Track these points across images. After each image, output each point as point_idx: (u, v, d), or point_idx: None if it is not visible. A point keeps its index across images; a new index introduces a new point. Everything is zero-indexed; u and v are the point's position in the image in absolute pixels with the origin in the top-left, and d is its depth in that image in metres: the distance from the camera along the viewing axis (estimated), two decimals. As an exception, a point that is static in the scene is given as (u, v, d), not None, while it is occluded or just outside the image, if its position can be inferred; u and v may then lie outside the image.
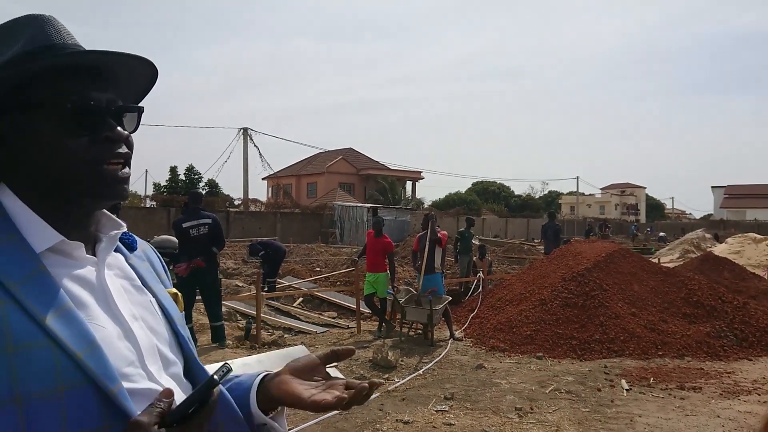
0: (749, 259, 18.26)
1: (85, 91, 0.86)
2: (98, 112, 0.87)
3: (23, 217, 0.84)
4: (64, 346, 0.76)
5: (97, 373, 0.77)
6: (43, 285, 0.79)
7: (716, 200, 77.00)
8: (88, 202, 0.89)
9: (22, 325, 0.75)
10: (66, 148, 0.84)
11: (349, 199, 38.31)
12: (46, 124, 0.84)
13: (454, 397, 5.97)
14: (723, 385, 6.43)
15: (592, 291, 8.92)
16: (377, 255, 9.28)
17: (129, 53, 0.89)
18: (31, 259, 0.81)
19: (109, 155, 0.87)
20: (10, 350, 0.73)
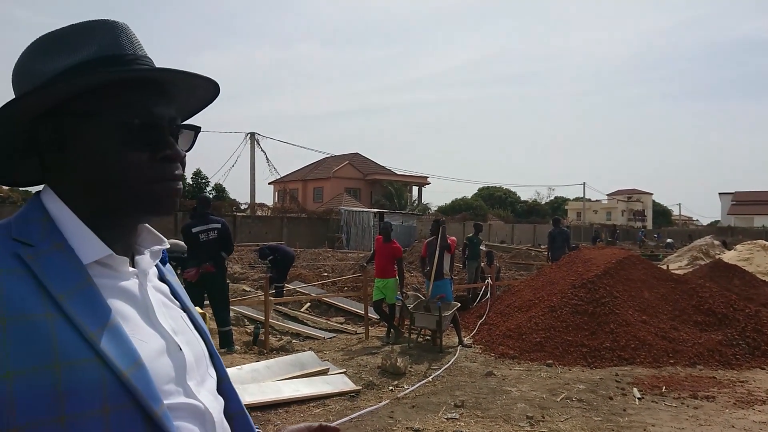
0: (758, 266, 18.13)
1: (151, 106, 0.84)
2: (162, 129, 0.85)
3: (71, 226, 0.82)
4: (111, 363, 0.74)
5: (143, 394, 0.75)
6: (90, 298, 0.77)
7: (724, 207, 76.76)
8: (138, 216, 0.89)
9: (70, 340, 0.73)
10: (126, 161, 0.82)
11: (355, 204, 38.29)
12: (109, 134, 0.82)
13: (464, 404, 5.92)
14: (736, 395, 6.36)
15: (602, 298, 8.86)
16: (386, 260, 9.24)
17: (204, 75, 0.88)
18: (79, 270, 0.79)
19: (167, 174, 0.86)
20: (57, 366, 0.71)
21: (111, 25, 0.86)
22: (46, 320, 0.72)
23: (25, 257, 0.76)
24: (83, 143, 0.82)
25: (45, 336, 0.71)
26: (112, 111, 0.82)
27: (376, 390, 6.51)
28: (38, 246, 0.78)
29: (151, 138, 0.84)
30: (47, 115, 0.82)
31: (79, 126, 0.82)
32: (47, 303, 0.73)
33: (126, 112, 0.82)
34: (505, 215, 57.31)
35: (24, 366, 0.69)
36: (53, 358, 0.70)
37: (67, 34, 0.84)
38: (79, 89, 0.81)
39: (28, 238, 0.78)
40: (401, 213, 32.69)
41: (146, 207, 0.86)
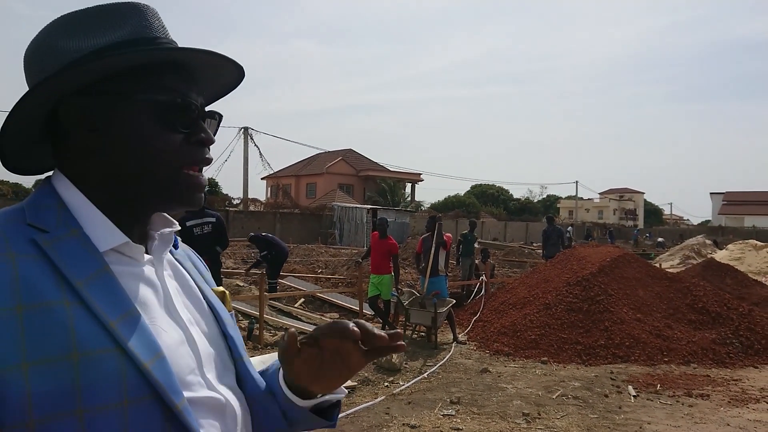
0: (750, 265, 18.25)
1: (185, 89, 0.83)
2: (196, 112, 0.84)
3: (87, 213, 0.79)
4: (131, 354, 0.71)
5: (165, 387, 0.72)
6: (109, 286, 0.74)
7: (714, 206, 77.18)
8: (163, 205, 0.85)
9: (89, 329, 0.69)
10: (162, 142, 0.80)
11: (348, 200, 38.25)
12: (145, 115, 0.80)
13: (460, 401, 5.92)
14: (730, 393, 6.38)
15: (597, 296, 8.87)
16: (382, 257, 9.22)
17: (235, 61, 0.86)
18: (96, 257, 0.75)
19: (199, 158, 0.84)
20: (75, 357, 0.67)
21: (142, 8, 0.83)
22: (64, 308, 0.69)
23: (42, 243, 0.72)
24: (117, 123, 0.79)
25: (62, 325, 0.68)
26: (149, 92, 0.80)
27: (372, 386, 6.49)
28: (54, 232, 0.75)
29: (187, 120, 0.82)
30: (75, 94, 0.79)
31: (111, 106, 0.79)
32: (65, 290, 0.70)
33: (163, 93, 0.81)
34: (498, 213, 57.48)
35: (40, 357, 0.66)
36: (71, 349, 0.67)
37: (96, 13, 0.81)
38: (122, 67, 0.79)
39: (43, 224, 0.75)
40: (394, 210, 32.69)
41: (174, 194, 0.83)
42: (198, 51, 0.81)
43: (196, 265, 0.99)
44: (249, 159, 34.04)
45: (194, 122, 0.83)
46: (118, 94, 0.79)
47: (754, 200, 71.49)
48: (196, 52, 0.82)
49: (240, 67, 0.88)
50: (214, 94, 0.95)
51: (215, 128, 0.91)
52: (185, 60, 0.84)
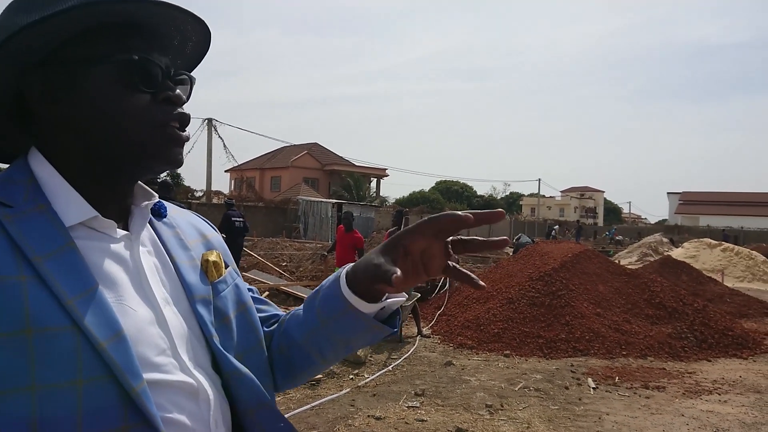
0: (704, 263, 18.86)
1: (147, 49, 0.80)
2: (160, 72, 0.81)
3: (55, 187, 0.77)
4: (87, 333, 0.68)
5: (121, 368, 0.69)
6: (70, 263, 0.72)
7: (671, 206, 79.28)
8: (139, 168, 0.82)
9: (44, 306, 0.67)
10: (128, 105, 0.78)
11: (313, 194, 38.08)
12: (107, 77, 0.77)
13: (424, 393, 5.97)
14: (685, 385, 6.59)
15: (559, 291, 9.05)
16: (347, 250, 9.22)
17: (191, 12, 0.83)
18: (61, 233, 0.73)
19: (171, 116, 0.81)
20: (28, 332, 0.65)
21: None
22: (20, 283, 0.67)
23: (2, 218, 0.71)
24: (79, 91, 0.77)
25: (16, 300, 0.66)
26: (108, 54, 0.77)
27: (337, 378, 6.50)
28: (18, 207, 0.73)
29: (151, 79, 0.80)
30: (34, 67, 0.78)
31: (73, 73, 0.77)
32: (22, 265, 0.68)
33: (126, 54, 0.78)
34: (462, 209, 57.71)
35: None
36: (24, 325, 0.65)
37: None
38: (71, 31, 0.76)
39: (9, 199, 0.74)
40: (359, 204, 32.66)
41: (150, 153, 0.80)
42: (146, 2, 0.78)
43: (184, 232, 0.93)
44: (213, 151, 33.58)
45: (158, 81, 0.80)
46: (75, 60, 0.77)
47: (709, 200, 73.73)
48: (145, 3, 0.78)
49: (199, 20, 0.85)
50: (188, 60, 0.92)
51: (188, 92, 0.88)
52: (140, 18, 0.80)
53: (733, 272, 18.45)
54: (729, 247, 20.52)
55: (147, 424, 0.70)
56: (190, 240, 0.93)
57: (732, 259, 19.43)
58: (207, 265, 0.91)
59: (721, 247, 20.37)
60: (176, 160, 0.82)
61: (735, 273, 18.47)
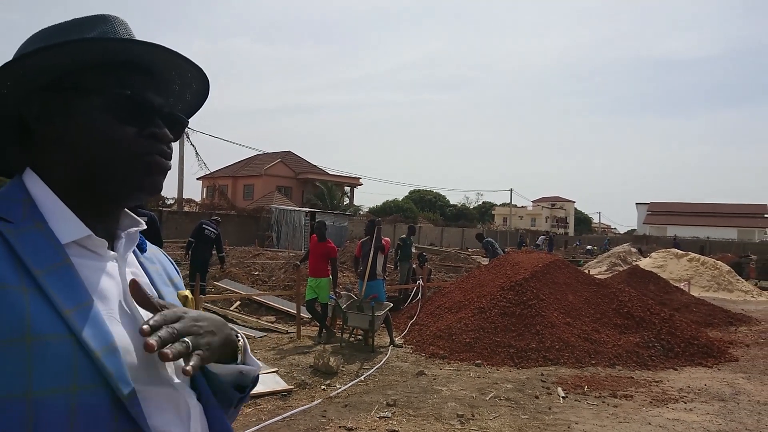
0: (671, 273, 19.23)
1: (141, 87, 0.87)
2: (150, 109, 0.88)
3: (52, 206, 0.83)
4: (83, 342, 0.73)
5: (114, 376, 0.74)
6: (67, 277, 0.77)
7: (640, 216, 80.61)
8: (121, 193, 0.88)
9: (43, 316, 0.72)
10: (114, 134, 0.84)
11: (286, 203, 37.89)
12: (98, 108, 0.85)
13: (396, 403, 5.98)
14: (652, 394, 6.70)
15: (530, 300, 9.14)
16: (320, 260, 9.20)
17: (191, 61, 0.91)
18: (58, 250, 0.79)
19: (152, 150, 0.88)
20: (28, 340, 0.70)
21: (111, 18, 0.90)
22: (21, 293, 0.71)
23: (5, 232, 0.76)
24: (72, 116, 0.84)
25: (18, 308, 0.70)
26: (103, 87, 0.85)
27: (309, 389, 6.47)
28: (19, 224, 0.78)
29: (139, 114, 0.86)
30: (36, 91, 0.85)
31: (70, 101, 0.84)
32: (24, 277, 0.73)
33: (119, 89, 0.85)
34: (435, 218, 58.20)
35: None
36: (24, 331, 0.69)
37: (69, 24, 0.88)
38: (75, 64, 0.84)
39: (9, 215, 0.79)
40: (333, 213, 32.57)
41: (130, 181, 0.86)
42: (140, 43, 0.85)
43: (165, 268, 1.03)
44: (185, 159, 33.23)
45: (146, 117, 0.87)
46: (74, 88, 0.84)
47: (676, 211, 75.21)
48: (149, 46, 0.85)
49: (201, 71, 0.93)
50: (188, 107, 1.02)
51: (178, 132, 0.95)
52: (143, 60, 0.88)
53: (699, 282, 18.83)
54: (695, 257, 20.94)
55: (136, 429, 0.75)
56: (171, 278, 1.03)
57: (698, 269, 19.83)
58: (186, 301, 0.98)
59: (687, 257, 20.78)
60: (151, 188, 0.88)
61: (701, 283, 18.85)
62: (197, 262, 11.17)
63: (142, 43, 0.85)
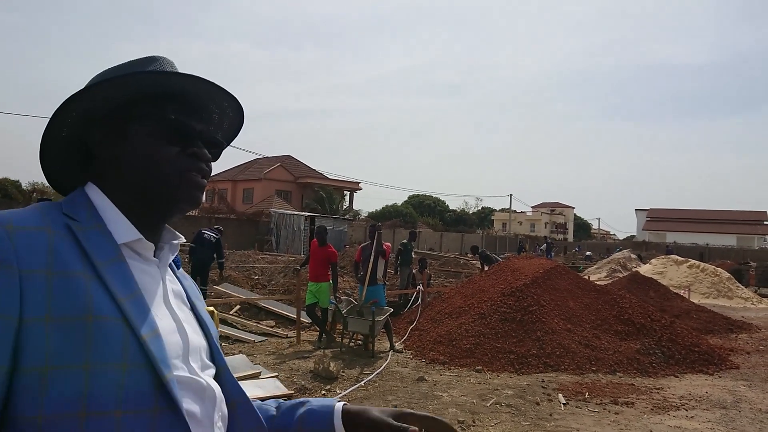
0: (671, 279, 19.22)
1: (185, 115, 1.00)
2: (192, 132, 1.00)
3: (110, 212, 0.95)
4: (134, 326, 0.84)
5: (157, 358, 0.84)
6: (121, 270, 0.89)
7: (639, 222, 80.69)
8: (167, 204, 1.00)
9: (102, 300, 0.83)
10: (160, 154, 0.97)
11: (286, 207, 37.85)
12: (148, 134, 0.97)
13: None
14: (653, 401, 6.68)
15: (530, 306, 9.12)
16: (321, 264, 9.19)
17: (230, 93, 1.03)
18: (114, 248, 0.91)
19: (194, 166, 1.00)
20: (89, 319, 0.81)
21: (160, 58, 1.02)
22: (85, 279, 0.83)
23: (74, 227, 0.88)
24: (128, 140, 0.97)
25: (82, 291, 0.82)
26: (153, 115, 0.98)
27: (309, 394, 6.45)
28: (83, 223, 0.90)
29: (182, 136, 0.99)
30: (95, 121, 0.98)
31: (125, 128, 0.97)
32: (87, 266, 0.85)
33: (164, 116, 0.98)
34: (434, 223, 58.19)
35: (61, 314, 0.79)
36: (87, 311, 0.80)
37: (126, 64, 1.01)
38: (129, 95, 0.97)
39: (75, 215, 0.91)
40: (332, 217, 32.56)
41: (173, 192, 0.98)
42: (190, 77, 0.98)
43: (193, 285, 1.14)
44: (184, 162, 33.17)
45: (188, 139, 0.99)
46: (128, 117, 0.98)
47: (676, 217, 75.29)
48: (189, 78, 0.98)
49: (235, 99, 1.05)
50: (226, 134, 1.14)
51: (217, 154, 1.08)
52: (186, 91, 1.00)
53: (698, 288, 18.82)
54: (695, 263, 20.94)
55: (172, 409, 0.85)
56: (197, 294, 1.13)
57: (698, 275, 19.83)
58: (213, 316, 1.09)
59: (687, 264, 20.78)
60: (193, 200, 1.01)
61: (701, 289, 18.84)
62: (197, 265, 11.20)
63: (186, 76, 0.98)
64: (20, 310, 0.78)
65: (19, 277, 0.79)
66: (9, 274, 0.79)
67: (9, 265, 0.79)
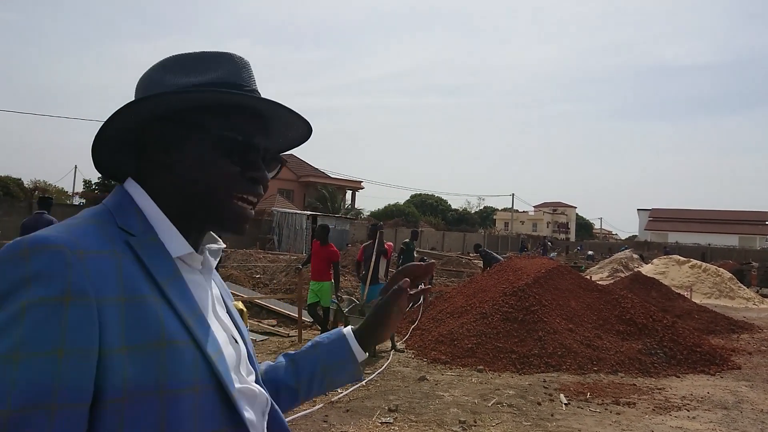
0: (673, 279, 19.19)
1: (252, 131, 0.95)
2: (256, 153, 0.96)
3: (160, 222, 0.91)
4: (202, 348, 0.84)
5: (224, 377, 0.85)
6: (181, 288, 0.87)
7: (641, 222, 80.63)
8: (212, 225, 0.98)
9: (172, 323, 0.82)
10: (221, 170, 0.92)
11: (288, 206, 37.87)
12: (212, 145, 0.92)
13: (398, 409, 5.96)
14: (655, 401, 6.68)
15: (532, 306, 9.11)
16: (323, 263, 9.19)
17: (303, 117, 0.99)
18: (170, 263, 0.88)
19: (250, 190, 0.96)
20: (163, 344, 0.80)
21: (236, 59, 0.98)
22: (154, 302, 0.81)
23: (133, 244, 0.85)
24: (186, 149, 0.92)
25: (155, 316, 0.80)
26: (219, 127, 0.92)
27: (310, 393, 6.45)
28: (139, 236, 0.87)
29: (247, 157, 0.94)
30: (160, 119, 0.92)
31: (187, 134, 0.92)
32: (153, 287, 0.83)
33: (231, 130, 0.93)
34: (437, 222, 58.17)
35: (137, 342, 0.78)
36: (160, 337, 0.79)
37: (199, 57, 0.96)
38: (199, 102, 0.92)
39: (131, 228, 0.87)
40: (334, 216, 32.60)
41: (222, 219, 0.95)
42: (268, 102, 0.94)
43: (222, 284, 1.12)
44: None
45: (252, 160, 0.95)
46: (195, 124, 0.92)
47: (678, 217, 75.21)
48: (266, 103, 0.94)
49: (308, 126, 1.02)
50: (283, 146, 1.09)
51: (276, 172, 1.04)
52: (256, 107, 0.95)
53: (700, 289, 18.80)
54: (697, 263, 20.91)
55: (237, 424, 0.87)
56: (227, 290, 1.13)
57: (700, 275, 19.80)
58: (243, 316, 1.07)
59: (689, 264, 20.75)
60: (239, 232, 0.97)
61: (702, 289, 18.82)
62: None
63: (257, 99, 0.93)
64: (99, 343, 0.75)
65: (97, 308, 0.76)
66: (87, 306, 0.75)
67: (87, 296, 0.75)
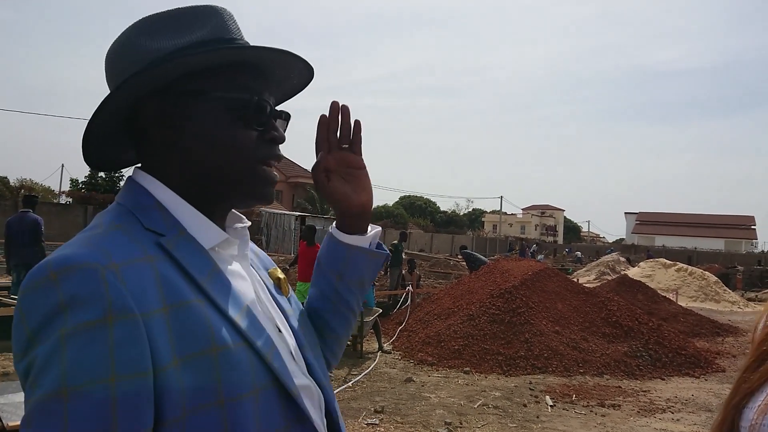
0: (659, 283, 19.31)
1: (260, 89, 0.86)
2: (270, 112, 0.87)
3: (185, 213, 0.82)
4: (255, 347, 0.77)
5: (282, 375, 0.79)
6: (222, 284, 0.80)
7: (629, 226, 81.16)
8: (238, 199, 0.88)
9: (220, 326, 0.75)
10: (238, 138, 0.83)
11: (276, 207, 37.75)
12: (221, 112, 0.83)
13: (384, 410, 5.95)
14: (639, 403, 6.71)
15: (519, 308, 9.14)
16: (309, 264, 9.15)
17: (307, 62, 0.90)
18: (206, 257, 0.80)
19: (272, 155, 0.88)
20: (214, 351, 0.73)
21: (220, 10, 0.87)
22: (199, 306, 0.74)
23: (165, 244, 0.77)
24: (194, 121, 0.82)
25: (203, 322, 0.73)
26: (225, 90, 0.83)
27: (296, 394, 6.43)
28: (168, 235, 0.79)
29: (262, 119, 0.86)
30: (153, 93, 0.82)
31: (190, 104, 0.82)
32: (195, 289, 0.75)
33: (239, 91, 0.83)
34: (425, 224, 58.24)
35: (188, 353, 0.71)
36: (210, 344, 0.72)
37: (177, 15, 0.84)
38: (200, 65, 0.82)
39: (158, 227, 0.79)
40: (323, 217, 32.53)
41: (251, 189, 0.86)
42: (271, 49, 0.84)
43: (257, 254, 1.03)
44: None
45: (267, 121, 0.87)
46: (196, 92, 0.82)
47: (665, 221, 75.78)
48: (269, 51, 0.84)
49: (310, 67, 0.92)
50: (284, 95, 0.98)
51: (284, 127, 0.94)
52: (258, 59, 0.86)
53: (686, 292, 18.93)
54: (683, 267, 21.05)
55: (301, 422, 0.81)
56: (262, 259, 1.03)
57: (686, 279, 19.94)
58: (279, 282, 1.00)
59: (675, 267, 20.89)
60: (267, 198, 0.89)
61: (688, 293, 18.95)
62: None
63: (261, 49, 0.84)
64: (153, 361, 0.68)
65: (144, 324, 0.68)
66: (134, 323, 0.67)
67: (131, 313, 0.67)
